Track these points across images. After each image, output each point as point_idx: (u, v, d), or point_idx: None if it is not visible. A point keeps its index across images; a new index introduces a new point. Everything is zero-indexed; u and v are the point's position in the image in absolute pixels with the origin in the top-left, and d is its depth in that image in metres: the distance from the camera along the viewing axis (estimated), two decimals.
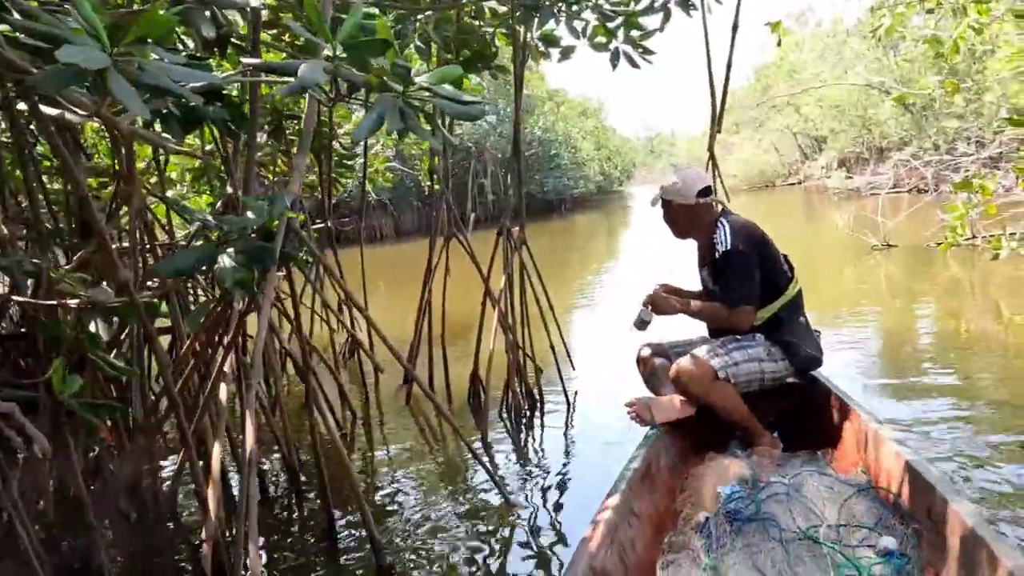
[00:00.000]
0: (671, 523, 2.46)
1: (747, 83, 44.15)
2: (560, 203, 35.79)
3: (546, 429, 4.32)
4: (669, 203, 3.01)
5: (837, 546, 2.04)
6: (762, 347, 2.89)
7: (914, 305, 7.35)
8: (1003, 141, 10.50)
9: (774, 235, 3.04)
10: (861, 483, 2.36)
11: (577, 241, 22.54)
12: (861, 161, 28.90)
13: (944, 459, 3.32)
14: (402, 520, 3.23)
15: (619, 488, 2.28)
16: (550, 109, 34.29)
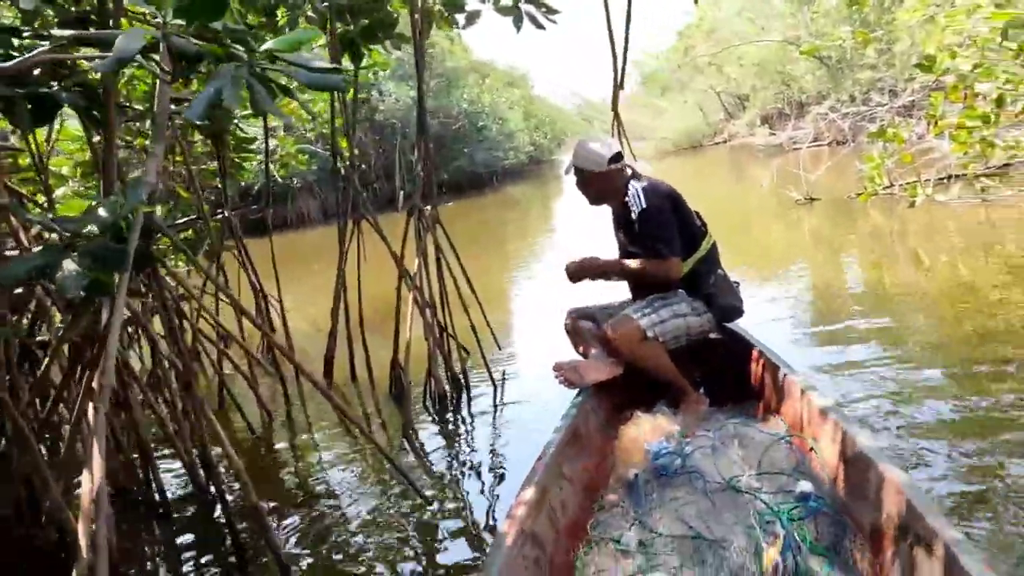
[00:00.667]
0: (602, 483, 2.48)
1: (670, 45, 44.35)
2: (491, 176, 35.43)
3: (474, 412, 4.15)
4: (581, 171, 3.02)
5: (758, 494, 2.09)
6: (685, 302, 2.94)
7: (837, 255, 7.45)
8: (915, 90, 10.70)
9: (702, 194, 3.00)
10: (780, 432, 2.45)
11: (510, 213, 22.35)
12: (783, 117, 29.40)
13: (872, 398, 3.42)
14: (319, 522, 3.02)
15: (548, 452, 2.27)
16: (475, 81, 33.78)
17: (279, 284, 5.71)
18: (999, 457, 2.74)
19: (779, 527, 1.92)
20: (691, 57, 33.25)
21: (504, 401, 4.25)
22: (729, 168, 23.35)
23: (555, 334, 3.56)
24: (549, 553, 1.95)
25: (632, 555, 1.97)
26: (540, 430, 2.61)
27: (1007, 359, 3.72)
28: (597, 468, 2.57)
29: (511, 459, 3.47)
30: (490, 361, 4.74)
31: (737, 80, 31.76)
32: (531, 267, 9.97)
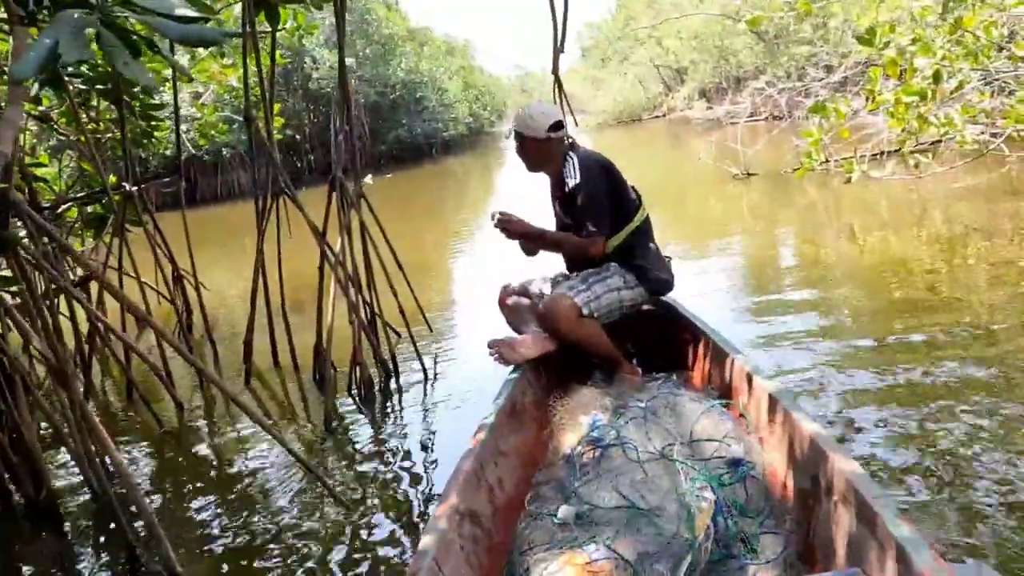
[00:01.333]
0: (539, 457, 2.49)
1: (611, 16, 44.21)
2: (431, 147, 34.82)
3: (404, 398, 3.93)
4: (522, 136, 3.03)
5: (689, 461, 2.13)
6: (618, 275, 2.97)
7: (773, 229, 7.46)
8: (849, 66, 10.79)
9: (641, 168, 2.88)
10: (711, 400, 2.49)
11: (448, 183, 21.97)
12: (721, 91, 29.68)
13: (805, 369, 3.46)
14: (229, 526, 2.76)
15: (485, 428, 2.26)
16: (413, 49, 32.96)
17: (193, 261, 5.36)
18: (927, 424, 2.77)
19: (710, 493, 1.95)
20: (630, 29, 33.16)
21: (435, 385, 4.04)
22: (667, 141, 23.43)
23: (489, 311, 3.51)
24: (487, 529, 1.93)
25: (569, 528, 1.98)
26: (473, 414, 2.50)
27: (934, 327, 3.78)
28: (534, 443, 2.57)
29: (442, 447, 3.28)
30: (421, 342, 4.51)
31: (676, 54, 31.86)
32: (467, 240, 9.73)
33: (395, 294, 4.34)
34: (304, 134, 28.66)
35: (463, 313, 5.71)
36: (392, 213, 16.18)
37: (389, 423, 3.68)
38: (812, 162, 5.98)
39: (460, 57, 45.04)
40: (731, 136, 13.89)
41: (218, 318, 6.45)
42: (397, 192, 20.64)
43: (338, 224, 3.88)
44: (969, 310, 4.02)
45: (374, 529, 2.62)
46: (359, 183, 3.99)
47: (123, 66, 1.30)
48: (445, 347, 4.66)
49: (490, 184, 20.02)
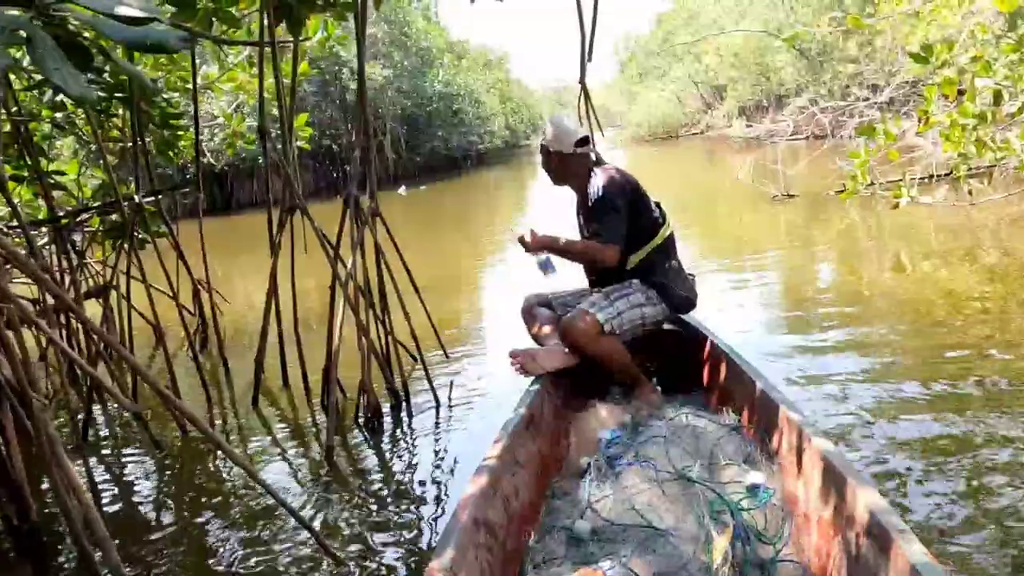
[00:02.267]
0: (555, 470, 2.51)
1: (649, 31, 43.92)
2: (466, 159, 34.84)
3: (415, 427, 3.70)
4: (548, 150, 3.10)
5: (708, 484, 2.11)
6: (640, 292, 2.99)
7: (814, 253, 7.13)
8: (897, 85, 10.40)
9: (676, 184, 2.69)
10: (731, 423, 2.49)
11: (482, 196, 21.86)
12: (761, 109, 29.18)
13: (839, 401, 3.30)
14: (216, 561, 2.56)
15: (502, 438, 2.25)
16: (450, 62, 33.05)
17: (208, 272, 5.23)
18: (977, 480, 2.55)
19: (729, 517, 1.94)
20: (669, 45, 32.83)
21: (448, 413, 3.81)
22: (704, 159, 23.04)
23: (510, 329, 3.45)
24: (501, 540, 1.92)
25: (584, 543, 1.97)
26: (483, 446, 2.27)
27: (985, 371, 3.50)
28: (551, 455, 2.57)
29: (450, 485, 3.04)
30: (437, 366, 4.30)
31: (715, 70, 31.42)
32: (494, 252, 9.52)
33: (407, 317, 4.13)
34: (341, 144, 28.82)
35: (484, 331, 5.49)
36: (422, 224, 16.16)
37: (396, 456, 3.46)
38: (858, 185, 5.68)
39: (497, 70, 45.11)
40: (771, 155, 13.53)
41: (237, 330, 6.32)
42: (430, 203, 20.59)
43: (350, 242, 3.68)
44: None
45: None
46: (375, 200, 3.79)
47: (54, 73, 1.10)
48: (462, 369, 4.44)
49: (523, 197, 19.82)
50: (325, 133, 27.89)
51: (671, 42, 33.60)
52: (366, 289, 3.84)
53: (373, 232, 3.75)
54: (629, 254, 2.99)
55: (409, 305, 4.26)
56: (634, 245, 2.98)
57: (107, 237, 5.61)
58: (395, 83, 27.77)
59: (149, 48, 1.28)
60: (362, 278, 3.80)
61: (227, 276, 10.78)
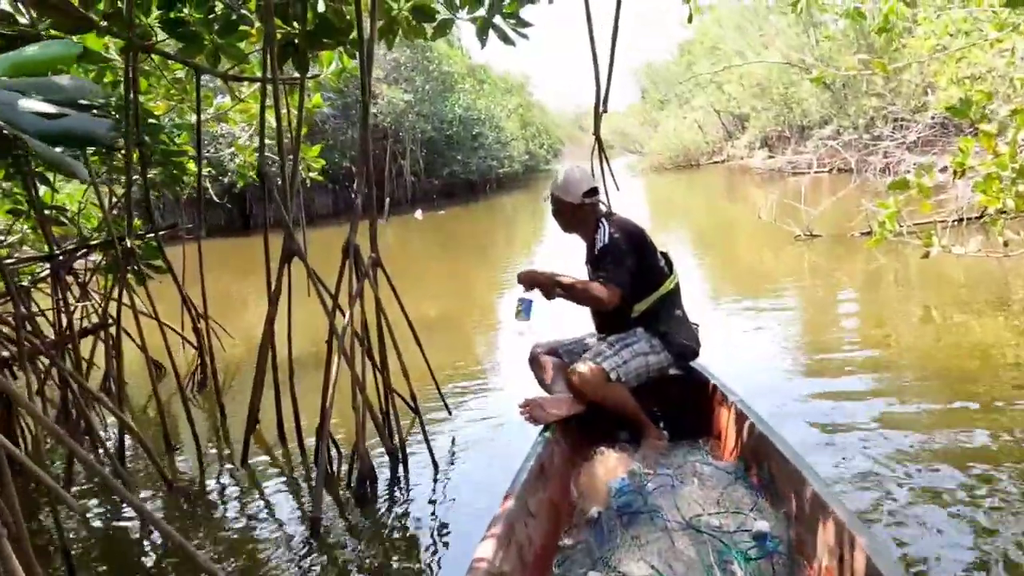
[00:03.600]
0: (566, 519, 2.53)
1: (671, 58, 43.88)
2: (485, 184, 34.83)
3: (412, 493, 3.47)
4: (558, 199, 3.17)
5: (717, 533, 2.15)
6: (644, 340, 3.06)
7: (837, 297, 6.88)
8: (926, 124, 10.14)
9: (695, 218, 2.62)
10: (738, 471, 2.54)
11: (500, 221, 21.73)
12: (783, 140, 28.91)
13: (861, 463, 3.18)
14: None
15: (515, 488, 2.29)
16: (471, 86, 33.14)
17: (207, 306, 5.05)
18: (988, 525, 2.54)
19: (737, 567, 1.97)
20: (692, 75, 32.72)
21: (447, 476, 3.58)
22: (725, 190, 22.77)
23: (513, 375, 3.62)
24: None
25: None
26: (487, 517, 2.15)
27: (1012, 424, 3.38)
28: (562, 503, 2.60)
29: (446, 560, 2.82)
30: (438, 423, 4.08)
31: (738, 99, 31.23)
32: (508, 284, 9.29)
33: (405, 374, 3.92)
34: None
35: (489, 375, 5.26)
36: (437, 250, 16.06)
37: (388, 526, 3.22)
38: (886, 233, 5.44)
39: (517, 95, 45.23)
40: (793, 189, 13.28)
41: (240, 366, 6.15)
42: (446, 228, 20.49)
43: (348, 293, 3.48)
44: None
45: None
46: (376, 250, 3.60)
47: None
48: (464, 424, 4.21)
49: (541, 223, 19.57)
50: (346, 155, 27.97)
51: (693, 71, 33.47)
52: (364, 340, 3.64)
53: (373, 284, 3.55)
54: (634, 303, 3.07)
55: (410, 355, 4.05)
56: (639, 294, 3.06)
57: (108, 271, 5.48)
58: (416, 107, 27.84)
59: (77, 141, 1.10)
60: (361, 328, 3.60)
61: (240, 298, 10.71)
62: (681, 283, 3.25)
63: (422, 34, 4.20)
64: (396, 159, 29.79)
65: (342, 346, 3.35)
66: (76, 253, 4.40)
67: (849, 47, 19.08)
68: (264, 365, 4.01)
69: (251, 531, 3.28)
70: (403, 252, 16.56)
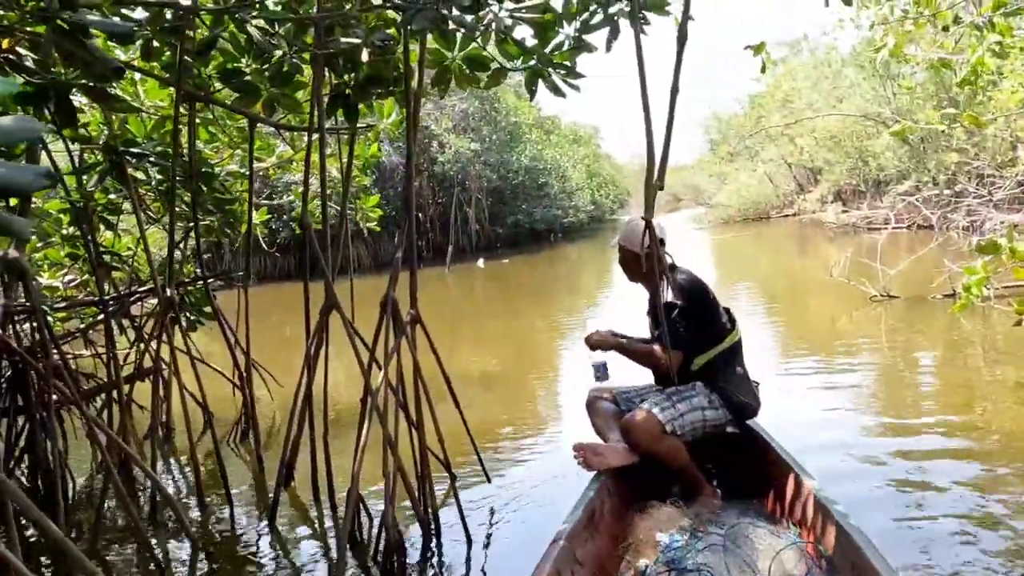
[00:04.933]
0: (613, 569, 2.49)
1: (741, 111, 43.41)
2: (550, 233, 34.81)
3: (445, 568, 3.23)
4: (625, 250, 3.23)
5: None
6: (703, 395, 3.02)
7: (915, 362, 6.37)
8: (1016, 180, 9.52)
9: (764, 275, 2.47)
10: (792, 537, 2.45)
11: (562, 271, 21.51)
12: (858, 194, 28.00)
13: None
14: None
15: (563, 535, 2.26)
16: (538, 137, 33.43)
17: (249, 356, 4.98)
18: None
19: None
20: (762, 128, 32.22)
21: (484, 551, 3.32)
22: (796, 245, 22.04)
23: (561, 438, 3.63)
24: None
25: None
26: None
27: None
28: (610, 555, 2.55)
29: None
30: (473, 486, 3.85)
31: (810, 153, 30.51)
32: (567, 335, 9.03)
33: (440, 441, 3.70)
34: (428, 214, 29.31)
35: (535, 438, 4.97)
36: (498, 299, 15.93)
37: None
38: (972, 297, 5.02)
39: (585, 146, 45.45)
40: (867, 245, 12.67)
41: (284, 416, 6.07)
42: (509, 277, 20.42)
43: (384, 351, 3.32)
44: None
45: None
46: (415, 306, 3.44)
47: None
48: (505, 493, 3.95)
49: (606, 273, 19.30)
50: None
51: (763, 124, 32.95)
52: (402, 400, 3.46)
53: (411, 343, 3.38)
54: (694, 356, 3.06)
55: (451, 416, 3.85)
56: (700, 348, 3.05)
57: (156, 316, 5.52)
58: (482, 156, 28.19)
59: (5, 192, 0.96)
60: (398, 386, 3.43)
61: (296, 343, 10.74)
62: (744, 340, 3.21)
63: (476, 82, 4.12)
64: (462, 207, 30.13)
65: (375, 405, 3.18)
66: (125, 299, 4.40)
67: (928, 100, 18.40)
68: (303, 420, 3.88)
69: None
70: (465, 300, 16.54)
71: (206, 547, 3.61)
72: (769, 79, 38.06)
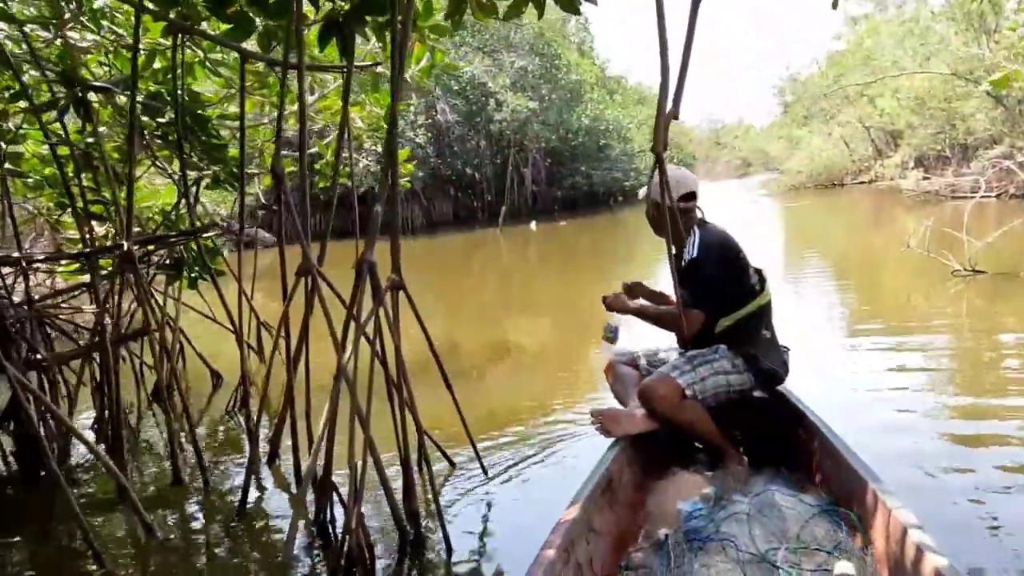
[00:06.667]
0: (631, 539, 2.40)
1: (817, 70, 41.05)
2: (609, 196, 33.87)
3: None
4: (653, 201, 2.98)
5: (794, 570, 2.00)
6: (726, 359, 2.89)
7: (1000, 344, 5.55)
8: None
9: (834, 244, 3.21)
10: (822, 504, 2.36)
11: (620, 237, 20.74)
12: (942, 160, 26.11)
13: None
14: None
15: (579, 502, 2.18)
16: (600, 97, 32.31)
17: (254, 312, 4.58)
18: None
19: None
20: (840, 87, 30.32)
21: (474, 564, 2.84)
22: (871, 214, 20.60)
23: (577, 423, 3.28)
24: None
25: None
26: None
27: None
28: (628, 524, 2.48)
29: None
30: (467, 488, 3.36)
31: (891, 115, 28.55)
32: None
33: (419, 429, 3.21)
34: (484, 174, 28.79)
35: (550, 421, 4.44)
36: (546, 263, 15.34)
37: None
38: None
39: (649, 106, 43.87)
40: (951, 215, 11.57)
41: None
42: (562, 240, 19.80)
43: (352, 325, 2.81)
44: None
45: None
46: (398, 270, 2.93)
47: None
48: (502, 492, 3.43)
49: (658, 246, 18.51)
50: (470, 163, 27.94)
51: (842, 83, 30.97)
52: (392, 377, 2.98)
53: (388, 311, 2.87)
54: (719, 318, 2.90)
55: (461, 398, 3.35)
56: (725, 309, 2.89)
57: (166, 271, 5.19)
58: (541, 116, 27.37)
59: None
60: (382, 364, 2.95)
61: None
62: (806, 312, 3.03)
63: (493, 11, 3.56)
64: (518, 168, 29.46)
65: (345, 378, 2.70)
66: (92, 255, 4.03)
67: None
68: (290, 396, 3.46)
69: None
70: (514, 263, 16.05)
71: (166, 535, 3.23)
72: (851, 35, 35.79)
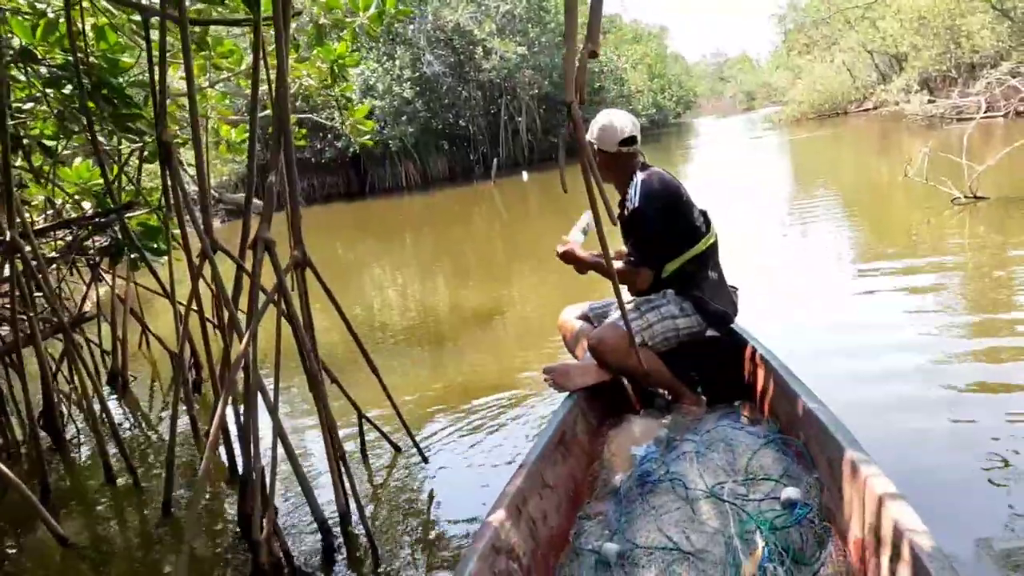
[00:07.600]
0: (587, 490, 2.42)
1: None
2: None
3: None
4: (592, 145, 2.90)
5: (739, 502, 2.04)
6: (673, 304, 2.90)
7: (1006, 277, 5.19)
8: None
9: (834, 177, 2.71)
10: (770, 433, 2.40)
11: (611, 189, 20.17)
12: (947, 82, 25.20)
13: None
14: None
15: (530, 459, 2.16)
16: None
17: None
18: None
19: (760, 537, 1.87)
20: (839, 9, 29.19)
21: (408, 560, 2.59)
22: (874, 143, 19.88)
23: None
24: (525, 566, 1.83)
25: (612, 568, 1.90)
26: None
27: None
28: (583, 475, 2.49)
29: None
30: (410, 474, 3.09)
31: (894, 37, 27.50)
32: None
33: (360, 414, 2.91)
34: (477, 126, 28.13)
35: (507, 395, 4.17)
36: (532, 216, 14.93)
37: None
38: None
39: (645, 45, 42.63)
40: (955, 140, 11.03)
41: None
42: (554, 190, 19.30)
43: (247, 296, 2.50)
44: None
45: None
46: (301, 245, 2.59)
47: None
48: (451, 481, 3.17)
49: None
50: (462, 115, 27.28)
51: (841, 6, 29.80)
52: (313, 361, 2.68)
53: (290, 288, 2.55)
54: (664, 262, 2.89)
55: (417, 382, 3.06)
56: (670, 253, 2.89)
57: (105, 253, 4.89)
58: (531, 61, 26.54)
59: None
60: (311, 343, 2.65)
61: (345, 266, 10.29)
62: (799, 251, 2.80)
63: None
64: (512, 118, 28.76)
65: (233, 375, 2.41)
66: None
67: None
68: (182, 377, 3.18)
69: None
70: (504, 216, 15.69)
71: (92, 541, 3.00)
72: None
